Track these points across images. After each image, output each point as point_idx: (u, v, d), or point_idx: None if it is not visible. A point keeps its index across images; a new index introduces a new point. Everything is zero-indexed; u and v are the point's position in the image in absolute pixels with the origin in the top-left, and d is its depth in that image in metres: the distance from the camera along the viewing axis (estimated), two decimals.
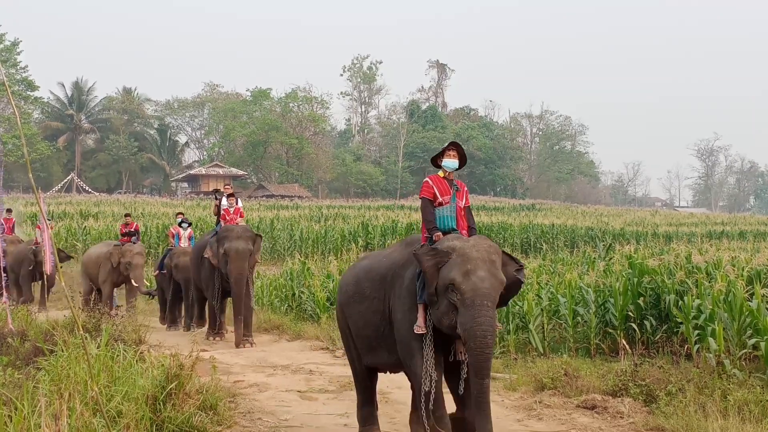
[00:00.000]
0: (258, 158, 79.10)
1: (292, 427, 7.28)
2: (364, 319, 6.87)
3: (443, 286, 5.89)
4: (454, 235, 6.33)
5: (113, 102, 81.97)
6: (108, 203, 49.04)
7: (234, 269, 13.40)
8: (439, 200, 6.63)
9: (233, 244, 13.43)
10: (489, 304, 5.76)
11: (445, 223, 6.58)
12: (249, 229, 14.20)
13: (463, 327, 5.73)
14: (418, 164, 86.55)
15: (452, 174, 6.84)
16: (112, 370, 6.52)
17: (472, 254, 5.93)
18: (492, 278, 5.86)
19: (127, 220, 18.91)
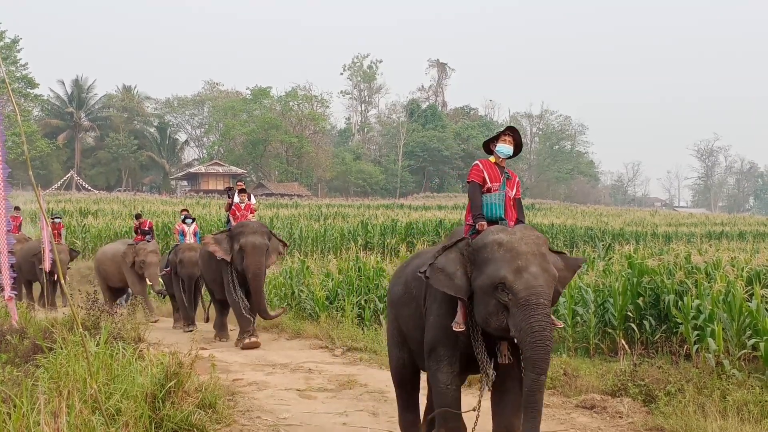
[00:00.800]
0: (258, 157, 79.12)
1: (291, 425, 7.27)
2: (413, 322, 6.44)
3: (491, 284, 5.42)
4: (499, 227, 5.77)
5: (113, 100, 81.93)
6: (107, 201, 49.02)
7: (252, 264, 12.84)
8: (488, 186, 6.15)
9: (249, 239, 12.93)
10: (544, 301, 5.34)
11: (492, 212, 6.08)
12: (263, 224, 13.78)
13: (517, 328, 5.30)
14: (417, 163, 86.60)
15: (504, 161, 6.32)
16: (112, 368, 6.51)
17: (521, 248, 5.47)
18: (545, 274, 5.44)
19: (140, 220, 18.73)
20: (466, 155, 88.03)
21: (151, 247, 17.61)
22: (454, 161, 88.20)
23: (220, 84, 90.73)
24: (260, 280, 12.98)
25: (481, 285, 5.51)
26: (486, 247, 5.58)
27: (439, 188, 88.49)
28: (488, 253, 5.54)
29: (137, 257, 17.48)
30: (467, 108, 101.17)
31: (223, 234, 13.57)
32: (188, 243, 16.02)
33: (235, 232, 13.24)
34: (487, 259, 5.54)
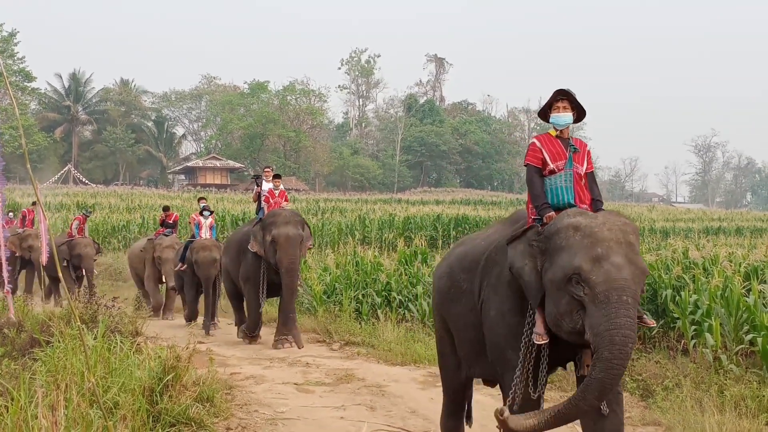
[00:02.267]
0: (255, 151, 79.02)
1: (289, 419, 7.27)
2: (463, 320, 5.63)
3: (563, 276, 4.56)
4: (576, 210, 4.92)
5: (110, 93, 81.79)
6: (105, 195, 49.00)
7: (285, 258, 11.77)
8: (550, 167, 5.22)
9: (282, 230, 11.84)
10: (629, 300, 4.42)
11: (559, 197, 5.19)
12: (297, 213, 12.72)
13: (593, 330, 4.41)
14: (415, 158, 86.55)
15: (567, 131, 5.40)
16: (109, 362, 6.51)
17: (602, 234, 4.59)
18: (631, 266, 4.52)
19: (167, 213, 17.96)
20: (463, 150, 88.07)
21: (167, 241, 16.76)
22: (452, 156, 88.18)
23: (217, 78, 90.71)
24: (295, 275, 11.97)
25: (552, 278, 4.67)
26: (559, 233, 4.71)
27: (437, 183, 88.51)
28: (562, 240, 4.67)
29: (155, 252, 16.74)
30: (465, 103, 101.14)
31: (257, 225, 12.43)
32: (203, 240, 14.58)
33: (266, 221, 12.13)
34: (560, 246, 4.68)
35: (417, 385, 8.97)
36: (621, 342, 4.33)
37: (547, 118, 5.41)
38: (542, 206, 5.11)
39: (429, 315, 12.86)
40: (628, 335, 4.36)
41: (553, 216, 4.97)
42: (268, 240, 11.88)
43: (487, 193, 75.62)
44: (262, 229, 12.08)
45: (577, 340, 4.62)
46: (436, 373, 9.51)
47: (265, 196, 12.80)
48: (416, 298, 13.53)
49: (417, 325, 12.71)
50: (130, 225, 32.65)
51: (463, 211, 42.54)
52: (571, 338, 4.65)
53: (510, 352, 4.98)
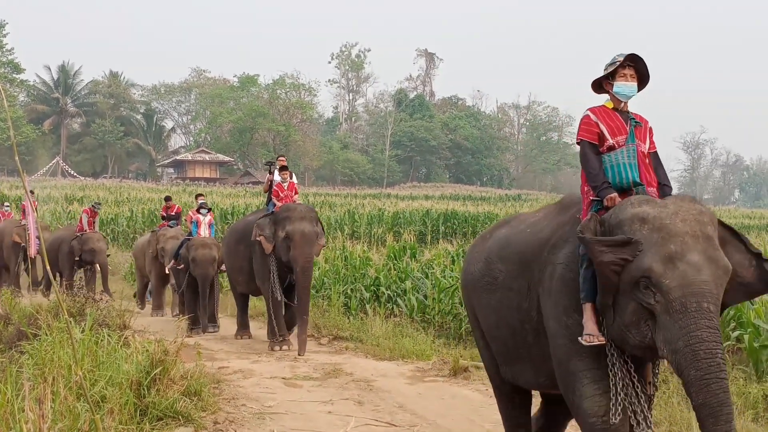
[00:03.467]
0: (245, 145, 78.93)
1: (277, 413, 7.27)
2: (496, 316, 5.01)
3: (629, 280, 3.88)
4: (641, 197, 4.15)
5: (99, 86, 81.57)
6: (93, 188, 48.93)
7: (300, 256, 11.06)
8: (609, 142, 4.51)
9: (297, 226, 11.14)
10: (711, 307, 3.73)
11: (621, 175, 4.40)
12: (312, 208, 12.09)
13: (669, 345, 3.75)
14: (405, 153, 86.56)
15: (627, 104, 4.69)
16: (97, 355, 6.51)
17: (675, 227, 3.88)
18: (712, 265, 3.81)
19: (168, 204, 17.48)
20: (453, 145, 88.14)
21: (171, 233, 15.95)
22: (442, 151, 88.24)
23: (207, 71, 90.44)
24: (310, 275, 11.48)
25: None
26: (622, 225, 4.01)
27: (426, 178, 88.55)
28: (625, 234, 3.97)
29: (158, 244, 15.95)
30: (455, 98, 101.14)
31: (265, 218, 11.67)
32: (201, 238, 13.85)
33: (279, 216, 11.39)
34: None
35: (405, 380, 8.98)
36: (707, 355, 3.67)
37: (605, 86, 4.69)
38: (602, 186, 4.36)
39: (417, 310, 12.87)
40: (714, 348, 3.68)
41: (615, 198, 4.27)
42: (281, 236, 11.19)
43: (476, 189, 75.80)
44: (274, 224, 11.39)
45: (646, 355, 4.02)
46: (424, 368, 9.56)
47: (274, 189, 12.10)
48: (405, 293, 13.53)
49: (405, 320, 12.72)
50: (118, 218, 32.58)
51: (453, 207, 42.59)
52: (638, 353, 4.04)
53: (573, 363, 4.23)
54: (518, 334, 4.78)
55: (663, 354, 3.82)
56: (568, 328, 4.26)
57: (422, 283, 13.74)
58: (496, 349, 5.20)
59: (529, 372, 4.88)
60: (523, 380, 5.07)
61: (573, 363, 4.23)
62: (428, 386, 8.66)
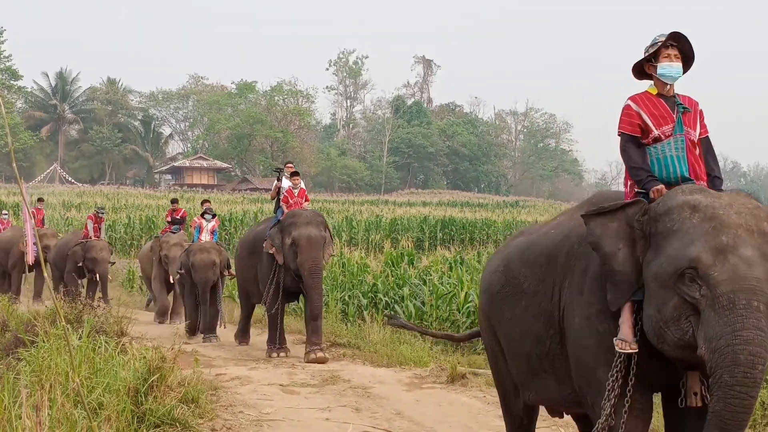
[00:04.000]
0: (242, 151, 78.88)
1: (274, 420, 7.27)
2: (520, 329, 4.56)
3: (674, 270, 3.56)
4: (692, 186, 3.85)
5: (97, 92, 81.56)
6: (91, 194, 48.95)
7: (307, 260, 10.88)
8: (654, 134, 4.13)
9: (303, 231, 10.96)
10: (762, 306, 3.42)
11: (668, 169, 4.07)
12: (319, 213, 12.06)
13: (710, 345, 3.43)
14: (402, 159, 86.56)
15: (673, 88, 4.31)
16: (94, 362, 6.50)
17: (729, 218, 3.57)
18: (766, 262, 3.50)
19: (174, 206, 17.06)
20: (450, 152, 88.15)
21: (174, 239, 15.63)
22: (439, 158, 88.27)
23: (204, 78, 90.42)
24: (319, 276, 11.17)
25: (657, 272, 3.66)
26: (671, 213, 3.68)
27: (424, 184, 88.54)
28: (674, 222, 3.64)
29: (161, 251, 15.62)
30: (452, 105, 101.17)
31: (275, 228, 11.49)
32: (202, 242, 13.62)
33: (285, 223, 11.22)
34: (670, 230, 3.65)
35: (403, 387, 8.98)
36: (747, 362, 3.35)
37: (646, 69, 4.34)
38: (647, 179, 4.00)
39: (415, 317, 12.87)
40: (758, 354, 3.35)
41: (662, 190, 3.91)
42: (287, 243, 11.01)
43: (473, 195, 75.80)
44: (281, 231, 11.19)
45: (685, 356, 3.63)
46: (421, 375, 9.55)
47: (283, 196, 11.93)
48: (402, 300, 13.53)
49: None
50: (116, 225, 32.56)
51: (450, 213, 42.69)
52: (676, 353, 3.66)
53: (600, 371, 3.91)
54: (542, 343, 4.39)
55: (701, 353, 3.47)
56: (598, 333, 3.94)
57: (420, 290, 13.76)
58: (519, 368, 4.75)
59: (553, 385, 4.47)
60: (547, 397, 4.66)
61: (599, 371, 3.92)
62: (426, 393, 8.66)
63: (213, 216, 14.27)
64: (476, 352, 11.36)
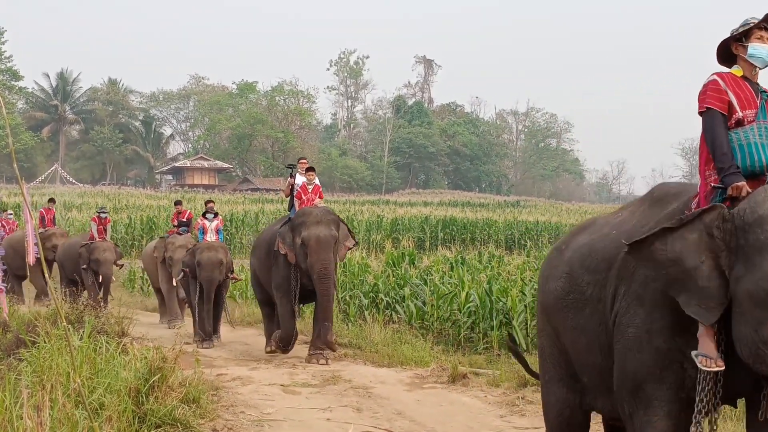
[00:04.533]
0: (243, 151, 78.94)
1: (275, 420, 7.27)
2: (587, 337, 4.23)
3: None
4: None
5: (98, 93, 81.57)
6: (92, 195, 48.97)
7: (316, 262, 10.56)
8: (738, 115, 3.76)
9: (312, 231, 10.63)
10: None
11: (752, 158, 3.68)
12: (330, 211, 11.40)
13: None
14: (403, 159, 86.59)
15: (757, 75, 3.92)
16: (95, 362, 6.50)
17: None
18: None
19: (178, 209, 16.43)
20: (451, 152, 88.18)
21: (180, 241, 15.15)
22: (440, 158, 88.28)
23: (205, 78, 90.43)
24: (329, 281, 10.73)
25: (752, 290, 3.31)
26: (763, 224, 3.34)
27: (425, 184, 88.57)
28: (765, 234, 3.31)
29: (166, 253, 15.25)
30: (453, 105, 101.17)
31: (285, 226, 11.16)
32: (208, 242, 13.31)
33: (296, 222, 10.90)
34: (765, 243, 3.30)
35: (404, 387, 8.98)
36: None
37: (735, 48, 3.98)
38: (729, 170, 3.61)
39: (416, 317, 12.87)
40: None
41: (743, 188, 3.56)
42: (298, 243, 10.69)
43: (475, 195, 75.80)
44: (291, 230, 10.88)
45: None
46: (422, 375, 9.54)
47: (297, 192, 11.50)
48: (403, 300, 13.52)
49: (404, 326, 12.72)
50: (117, 225, 32.56)
51: (451, 213, 42.70)
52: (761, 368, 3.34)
53: (650, 387, 3.70)
54: (608, 355, 4.05)
55: None
56: (657, 350, 3.67)
57: (421, 290, 13.75)
58: (590, 380, 4.37)
59: None
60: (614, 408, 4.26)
61: (647, 386, 3.70)
62: (427, 393, 8.66)
63: (215, 215, 13.84)
64: (477, 352, 11.36)
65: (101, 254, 16.78)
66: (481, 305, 12.04)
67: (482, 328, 11.97)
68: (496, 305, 11.82)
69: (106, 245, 17.07)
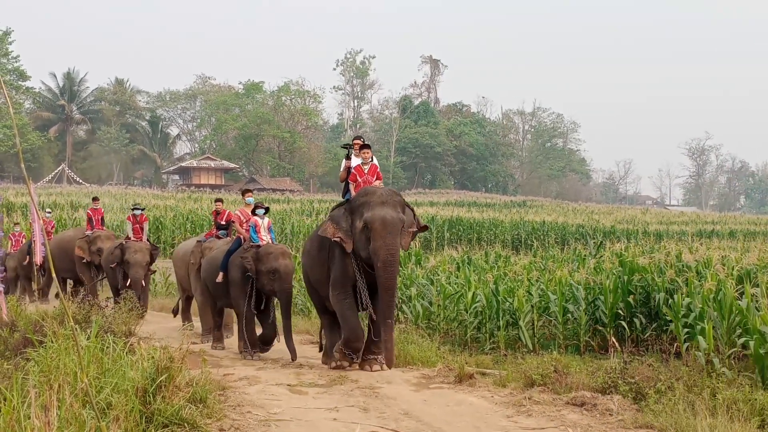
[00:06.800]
0: (250, 151, 79.06)
1: (282, 420, 7.26)
2: None
3: None
4: None
5: (105, 93, 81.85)
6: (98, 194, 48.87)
7: (381, 248, 9.24)
8: None
9: (377, 212, 9.35)
10: None
11: None
12: (396, 192, 10.06)
13: None
14: (409, 159, 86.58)
15: None
16: (102, 362, 6.51)
17: None
18: None
19: (218, 207, 14.54)
20: (458, 152, 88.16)
21: (219, 245, 13.34)
22: (446, 158, 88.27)
23: (212, 78, 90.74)
24: (394, 271, 9.42)
25: None
26: None
27: (431, 184, 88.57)
28: None
29: (203, 259, 13.44)
30: (460, 104, 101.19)
31: (340, 209, 9.95)
32: (276, 245, 11.60)
33: (355, 203, 9.67)
34: None
35: (410, 387, 8.97)
36: None
37: None
38: None
39: (422, 317, 12.86)
40: None
41: None
42: (358, 226, 9.43)
43: (481, 195, 75.80)
44: (350, 212, 9.67)
45: None
46: (429, 375, 9.53)
47: (351, 174, 10.27)
48: (410, 300, 13.52)
49: (410, 326, 12.69)
50: (123, 225, 32.60)
51: (457, 213, 42.63)
52: None
53: None
54: None
55: None
56: None
57: (427, 290, 13.74)
58: None
59: None
60: None
61: None
62: (433, 393, 8.65)
63: (266, 210, 11.98)
64: (484, 353, 11.35)
65: (131, 255, 15.58)
66: (487, 305, 12.04)
67: (489, 328, 11.97)
68: (503, 305, 11.83)
69: (138, 245, 15.78)
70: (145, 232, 16.40)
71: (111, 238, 17.50)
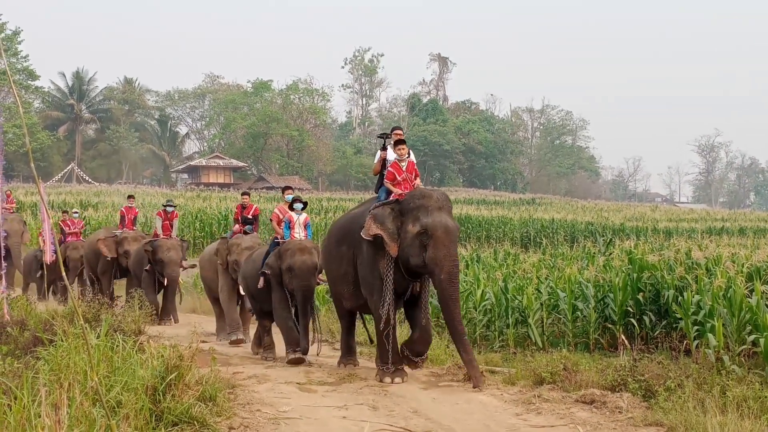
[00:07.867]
0: (258, 150, 79.10)
1: (291, 418, 7.28)
2: None
3: None
4: None
5: (114, 92, 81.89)
6: (108, 193, 49.02)
7: (446, 258, 8.61)
8: None
9: (438, 219, 8.66)
10: None
11: None
12: (448, 197, 9.34)
13: None
14: (418, 158, 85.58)
15: None
16: (112, 361, 6.53)
17: None
18: None
19: (244, 201, 14.18)
20: (466, 150, 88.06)
21: (246, 241, 12.90)
22: (455, 156, 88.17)
23: (221, 77, 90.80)
24: (458, 283, 9.03)
25: None
26: None
27: (440, 182, 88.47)
28: None
29: (230, 256, 12.91)
30: (468, 102, 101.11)
31: (385, 208, 9.08)
32: (297, 240, 10.98)
33: (409, 205, 8.87)
34: None
35: (419, 385, 8.98)
36: None
37: None
38: None
39: (431, 315, 12.85)
40: None
41: None
42: (411, 231, 8.70)
43: (490, 193, 75.65)
44: (401, 214, 8.91)
45: None
46: (438, 373, 9.55)
47: (388, 171, 9.41)
48: None
49: None
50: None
51: (466, 211, 42.59)
52: None
53: None
54: None
55: None
56: None
57: None
58: None
59: None
60: None
61: None
62: (443, 391, 8.65)
63: (304, 205, 11.28)
64: (493, 350, 11.35)
65: (165, 254, 15.36)
66: (496, 303, 12.04)
67: (498, 326, 11.97)
68: (512, 303, 11.82)
69: (170, 243, 15.62)
70: (175, 228, 16.23)
71: (138, 239, 16.93)
